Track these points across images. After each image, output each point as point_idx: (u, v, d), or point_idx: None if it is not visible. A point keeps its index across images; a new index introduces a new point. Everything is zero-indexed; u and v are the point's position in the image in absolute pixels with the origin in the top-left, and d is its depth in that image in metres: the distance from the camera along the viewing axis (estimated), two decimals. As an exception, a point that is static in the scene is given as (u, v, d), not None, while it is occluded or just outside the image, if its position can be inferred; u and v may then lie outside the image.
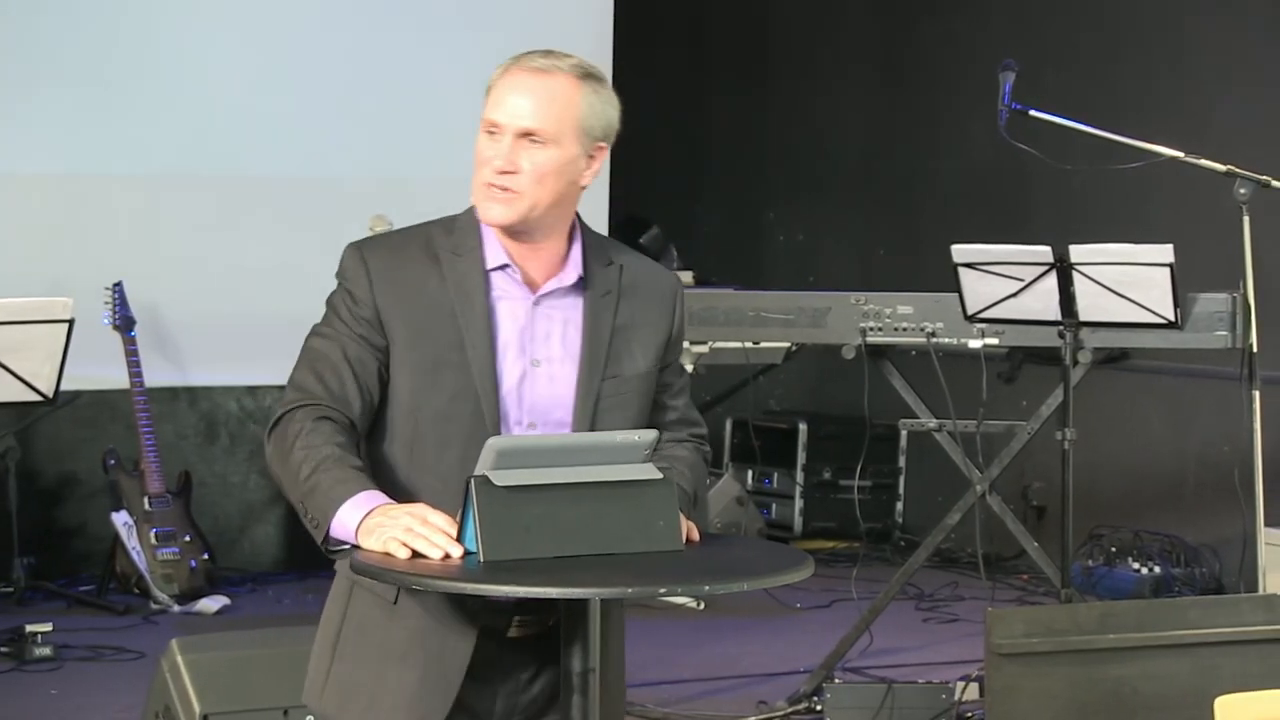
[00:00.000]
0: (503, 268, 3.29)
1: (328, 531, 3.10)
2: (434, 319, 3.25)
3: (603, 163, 3.35)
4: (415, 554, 3.00)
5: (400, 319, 3.25)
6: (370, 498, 3.09)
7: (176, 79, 8.12)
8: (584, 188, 3.32)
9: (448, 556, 2.99)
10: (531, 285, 3.30)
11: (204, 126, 8.15)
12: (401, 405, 3.25)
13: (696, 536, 3.22)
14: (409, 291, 3.26)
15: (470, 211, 3.32)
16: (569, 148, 3.25)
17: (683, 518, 3.18)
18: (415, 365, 3.24)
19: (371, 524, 3.05)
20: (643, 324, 3.36)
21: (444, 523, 3.03)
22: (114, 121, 8.02)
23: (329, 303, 3.32)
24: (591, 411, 3.27)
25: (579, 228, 3.36)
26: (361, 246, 3.33)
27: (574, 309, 3.32)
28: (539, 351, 3.28)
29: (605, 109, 3.33)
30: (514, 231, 3.27)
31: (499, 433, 3.22)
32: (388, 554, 3.01)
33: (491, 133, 3.24)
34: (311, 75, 8.35)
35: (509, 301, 3.29)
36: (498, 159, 3.22)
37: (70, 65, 7.94)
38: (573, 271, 3.31)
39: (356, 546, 3.07)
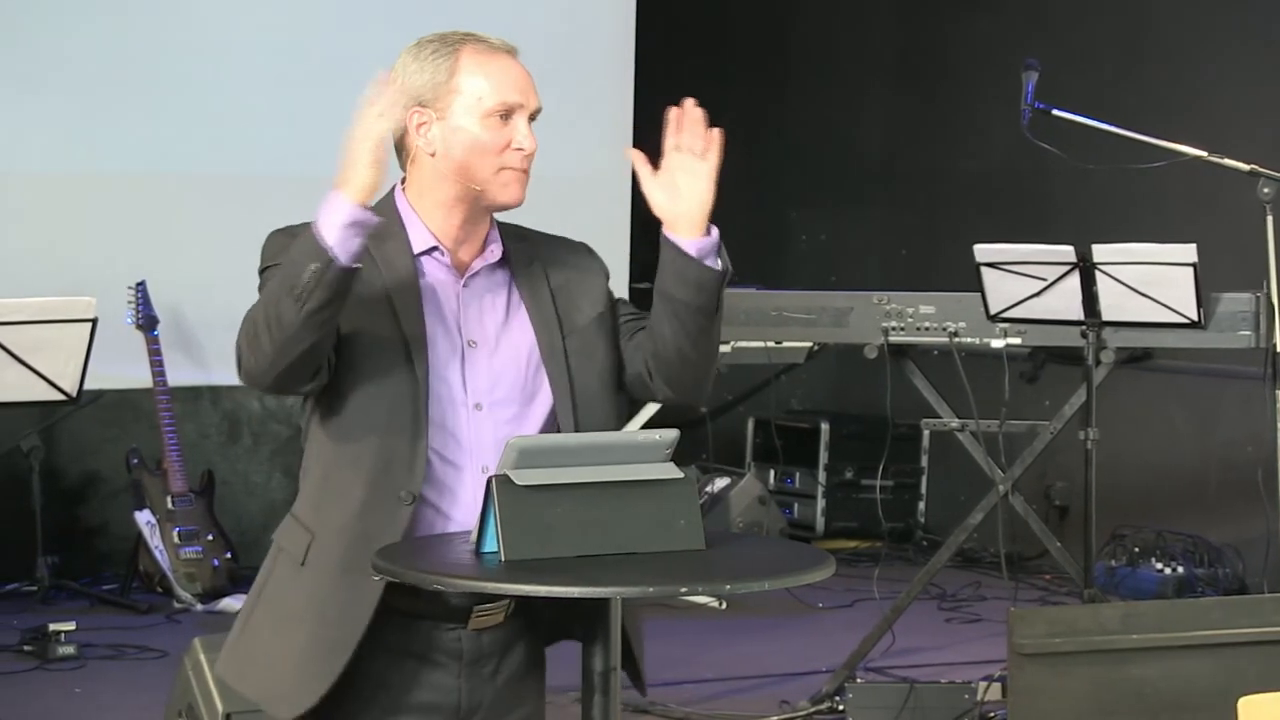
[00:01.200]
0: (430, 251, 3.28)
1: (332, 255, 3.07)
2: (369, 303, 3.21)
3: None
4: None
5: None
6: (325, 202, 3.12)
7: (201, 77, 8.13)
8: None
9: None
10: (459, 267, 3.30)
11: (227, 125, 8.16)
12: (338, 390, 3.21)
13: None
14: None
15: (387, 199, 3.31)
16: None
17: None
18: (351, 351, 3.20)
19: (339, 184, 3.13)
20: (577, 279, 3.37)
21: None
22: (137, 120, 8.04)
23: (260, 288, 3.30)
24: (564, 369, 3.27)
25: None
26: (290, 231, 3.31)
27: (500, 285, 3.32)
28: (473, 332, 3.28)
29: None
30: (475, 213, 3.28)
31: (443, 415, 3.21)
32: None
33: (506, 115, 3.25)
34: (336, 73, 8.34)
35: (439, 284, 3.28)
36: (527, 142, 3.25)
37: (94, 64, 7.95)
38: (496, 249, 3.32)
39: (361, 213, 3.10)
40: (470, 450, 3.22)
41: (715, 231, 3.32)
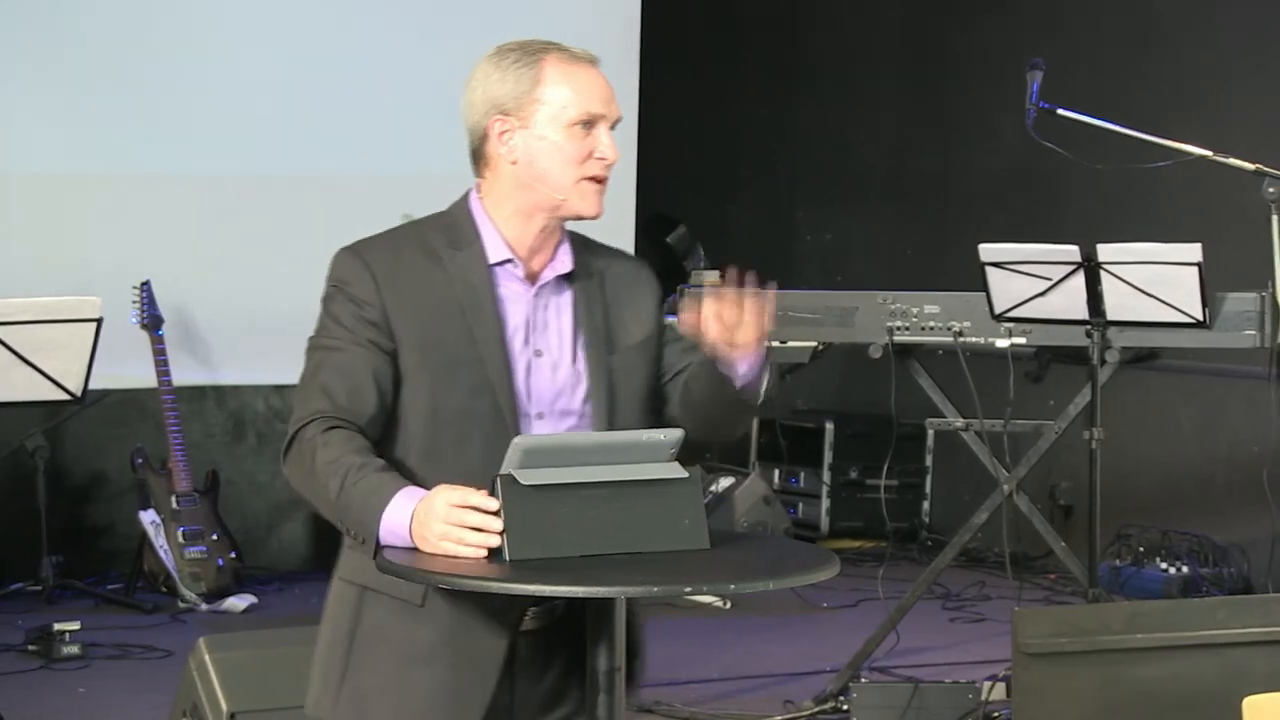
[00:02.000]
0: (505, 262, 3.29)
1: (378, 543, 3.09)
2: (443, 317, 3.23)
3: None
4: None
5: (409, 320, 3.23)
6: (406, 497, 3.07)
7: (206, 78, 8.13)
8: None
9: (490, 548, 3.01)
10: (530, 276, 3.31)
11: (233, 125, 8.17)
12: (418, 408, 3.23)
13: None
14: (415, 291, 3.24)
15: (463, 206, 3.33)
16: None
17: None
18: (432, 367, 3.22)
19: (417, 527, 3.05)
20: (630, 299, 3.39)
21: (479, 504, 3.02)
22: (144, 121, 8.04)
23: (325, 312, 3.28)
24: (606, 389, 3.29)
25: None
26: (358, 250, 3.29)
27: (565, 297, 3.34)
28: (540, 342, 3.29)
29: None
30: (552, 223, 3.30)
31: (516, 426, 3.22)
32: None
33: (589, 124, 3.26)
34: (342, 73, 8.37)
35: (512, 294, 3.29)
36: (610, 151, 3.27)
37: (100, 65, 7.96)
38: (567, 260, 3.33)
39: (415, 549, 3.06)
40: None
41: (764, 349, 3.29)
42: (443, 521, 3.01)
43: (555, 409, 3.28)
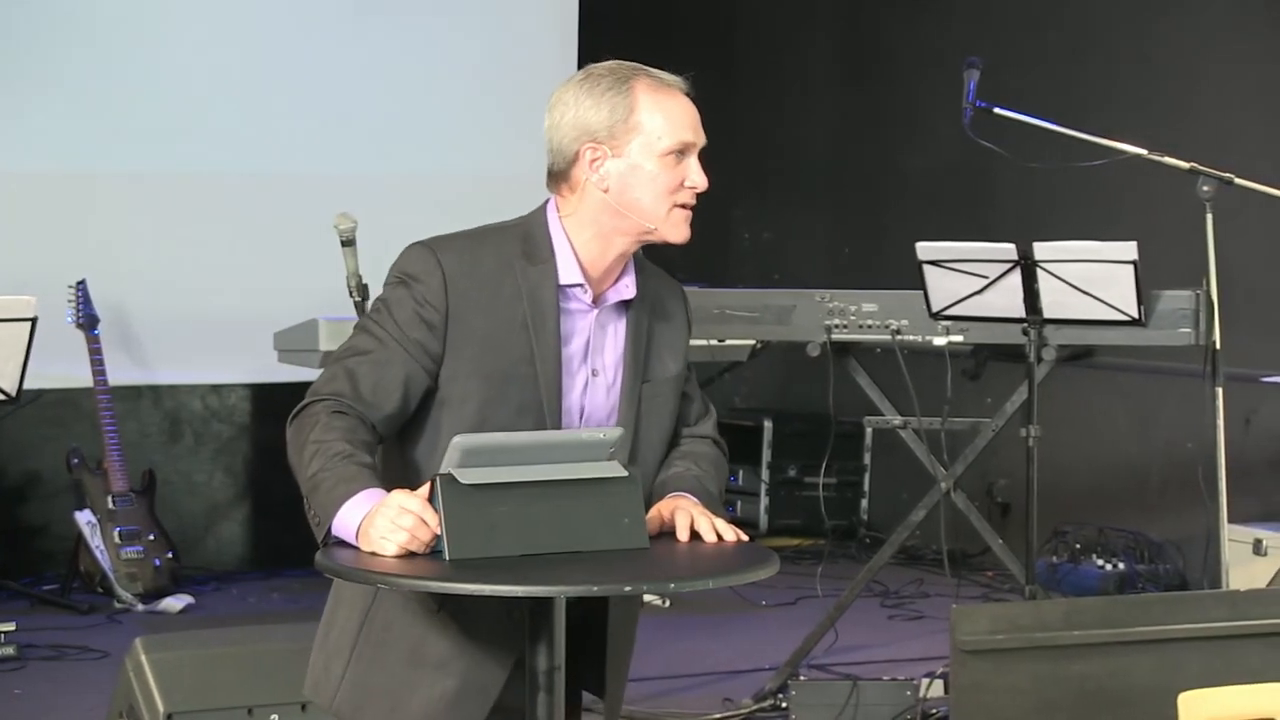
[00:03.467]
0: (575, 285, 3.30)
1: (329, 529, 3.09)
2: (506, 329, 3.23)
3: None
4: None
5: (472, 326, 3.22)
6: (369, 496, 3.08)
7: (140, 78, 8.09)
8: None
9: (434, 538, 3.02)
10: (595, 298, 3.33)
11: (167, 125, 8.12)
12: (465, 415, 3.23)
13: (741, 535, 3.27)
14: (484, 298, 3.24)
15: (541, 220, 3.32)
16: None
17: (728, 525, 3.24)
18: (485, 376, 3.23)
19: (363, 527, 3.05)
20: (667, 330, 3.42)
21: (415, 511, 3.02)
22: (76, 120, 7.99)
23: (385, 299, 3.27)
24: (635, 414, 3.31)
25: None
26: (434, 246, 3.28)
27: (620, 319, 3.36)
28: (597, 361, 3.32)
29: None
30: (631, 248, 3.34)
31: None
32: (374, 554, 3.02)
33: (681, 154, 3.34)
34: (274, 74, 8.33)
35: (576, 314, 3.30)
36: (701, 180, 3.37)
37: (33, 63, 7.91)
38: (631, 284, 3.36)
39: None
40: None
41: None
42: (389, 521, 3.01)
43: (608, 427, 3.30)
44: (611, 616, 3.34)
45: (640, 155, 3.28)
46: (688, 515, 3.25)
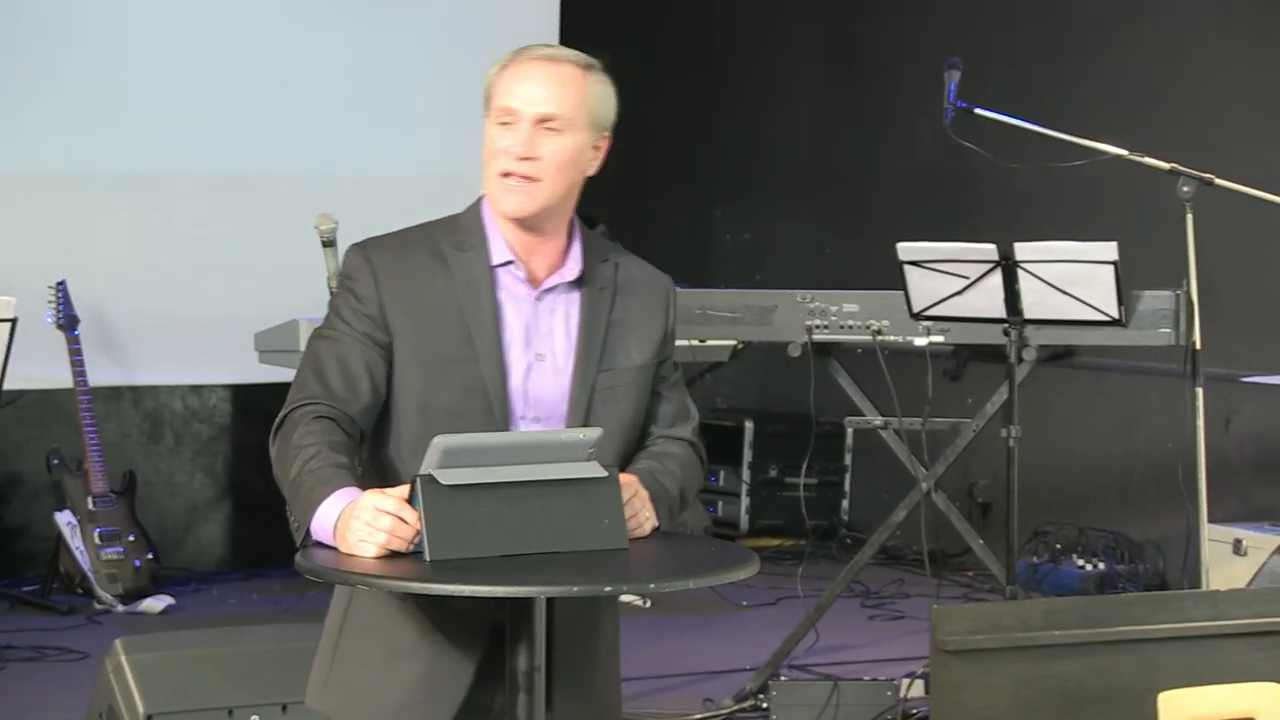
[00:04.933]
0: (507, 264, 3.30)
1: (308, 532, 3.10)
2: (441, 316, 3.26)
3: (606, 153, 3.40)
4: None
5: (407, 316, 3.25)
6: (344, 496, 3.08)
7: (121, 78, 8.07)
8: (588, 178, 3.38)
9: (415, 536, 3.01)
10: (533, 280, 3.32)
11: (148, 126, 8.11)
12: (409, 404, 3.26)
13: (647, 528, 3.23)
14: (415, 289, 3.27)
15: (474, 209, 3.34)
16: (581, 136, 3.31)
17: (644, 505, 3.21)
18: (425, 362, 3.25)
19: (339, 528, 3.06)
20: (638, 320, 3.40)
21: (391, 511, 3.02)
22: (56, 120, 7.98)
23: (330, 304, 3.33)
24: (586, 403, 3.29)
25: (577, 223, 3.40)
26: (365, 246, 3.33)
27: (573, 303, 3.34)
28: (543, 346, 3.30)
29: (609, 99, 3.39)
30: (526, 224, 3.29)
31: (508, 428, 3.24)
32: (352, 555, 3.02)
33: (506, 123, 3.25)
34: (255, 74, 8.32)
35: (513, 297, 3.30)
36: (517, 145, 3.24)
37: (14, 63, 7.89)
38: (574, 266, 3.34)
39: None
40: None
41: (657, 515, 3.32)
42: (365, 524, 3.01)
43: (556, 414, 3.30)
44: (562, 626, 3.30)
45: (486, 125, 3.29)
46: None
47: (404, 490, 3.05)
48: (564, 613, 3.23)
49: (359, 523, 3.02)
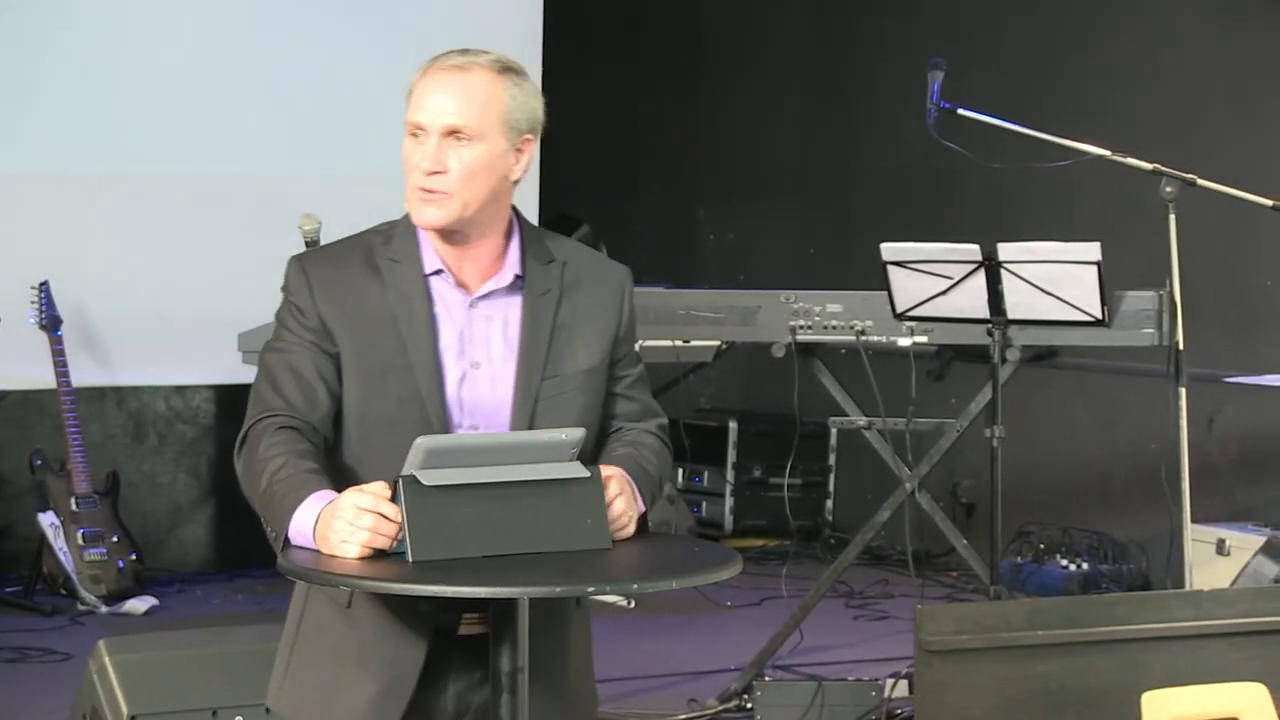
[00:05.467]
0: (437, 272, 3.29)
1: (286, 540, 3.09)
2: (377, 326, 3.25)
3: (532, 155, 3.34)
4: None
5: (344, 327, 3.25)
6: (319, 498, 3.09)
7: (104, 78, 8.06)
8: (515, 182, 3.32)
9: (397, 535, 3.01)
10: (466, 287, 3.30)
11: (131, 126, 8.10)
12: (350, 412, 3.26)
13: (625, 534, 3.22)
14: (351, 300, 3.26)
15: (407, 218, 3.32)
16: (496, 142, 3.25)
17: (628, 505, 3.19)
18: (362, 373, 3.24)
19: (320, 530, 3.06)
20: (587, 319, 3.36)
21: (371, 509, 3.02)
22: (39, 120, 7.96)
23: (277, 317, 3.33)
24: (530, 412, 3.26)
25: (517, 224, 3.36)
26: (303, 259, 3.34)
27: (513, 307, 3.32)
28: (478, 354, 3.28)
29: (528, 101, 3.32)
30: (448, 233, 3.27)
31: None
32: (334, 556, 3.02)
33: (416, 135, 3.24)
34: (240, 75, 8.31)
35: (447, 305, 3.29)
36: (425, 160, 3.22)
37: (-4, 63, 7.88)
38: (509, 272, 3.31)
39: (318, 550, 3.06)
40: None
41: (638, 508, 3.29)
42: (347, 524, 3.01)
43: (494, 421, 3.28)
44: (532, 627, 3.29)
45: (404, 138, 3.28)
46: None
47: (379, 486, 3.05)
48: (534, 614, 3.22)
49: (341, 523, 3.02)
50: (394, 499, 3.02)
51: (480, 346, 3.29)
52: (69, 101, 8.00)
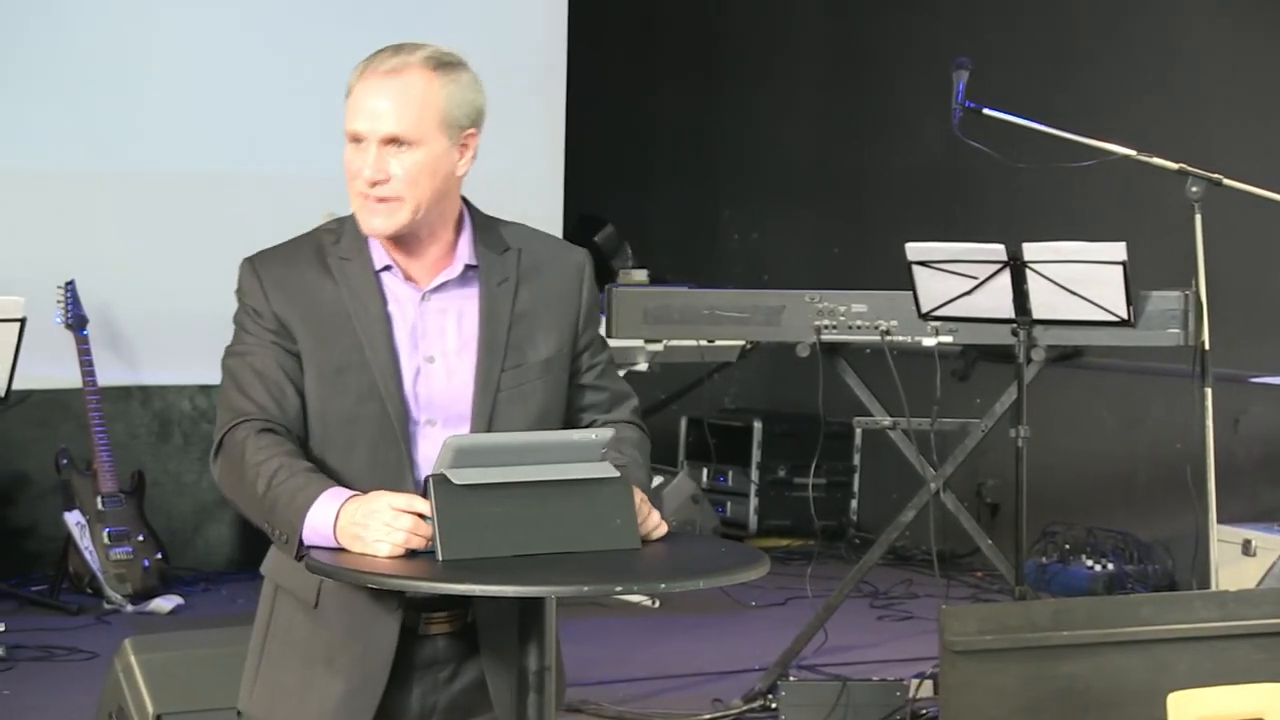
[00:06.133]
0: (387, 268, 3.27)
1: (301, 541, 3.09)
2: (332, 324, 3.23)
3: (476, 148, 3.28)
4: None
5: (301, 326, 3.23)
6: (332, 496, 3.08)
7: (127, 76, 8.08)
8: (462, 177, 3.28)
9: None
10: (417, 281, 3.27)
11: (157, 125, 8.12)
12: (311, 409, 3.23)
13: (664, 529, 3.21)
14: (305, 299, 3.24)
15: (353, 214, 3.29)
16: (437, 143, 3.20)
17: (650, 508, 3.18)
18: (320, 370, 3.22)
19: (347, 527, 3.05)
20: (545, 307, 3.32)
21: (410, 514, 3.02)
22: (65, 119, 7.98)
23: (235, 321, 3.30)
24: (490, 403, 3.23)
25: (468, 215, 3.33)
26: (254, 261, 3.31)
27: (468, 299, 3.29)
28: (432, 347, 3.26)
29: (466, 95, 3.25)
30: (396, 236, 3.24)
31: (405, 431, 3.21)
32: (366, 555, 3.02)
33: (357, 142, 3.21)
34: (262, 71, 8.33)
35: (398, 300, 3.26)
36: (366, 169, 3.18)
37: (17, 62, 7.90)
38: (459, 263, 3.28)
39: (341, 549, 3.06)
40: (424, 466, 3.19)
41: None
42: (384, 524, 3.01)
43: (452, 414, 3.25)
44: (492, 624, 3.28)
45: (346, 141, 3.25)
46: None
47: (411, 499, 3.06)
48: (497, 611, 3.21)
49: (377, 522, 3.02)
50: (423, 498, 3.03)
51: (434, 340, 3.26)
52: (96, 100, 8.02)
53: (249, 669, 3.37)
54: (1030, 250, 5.66)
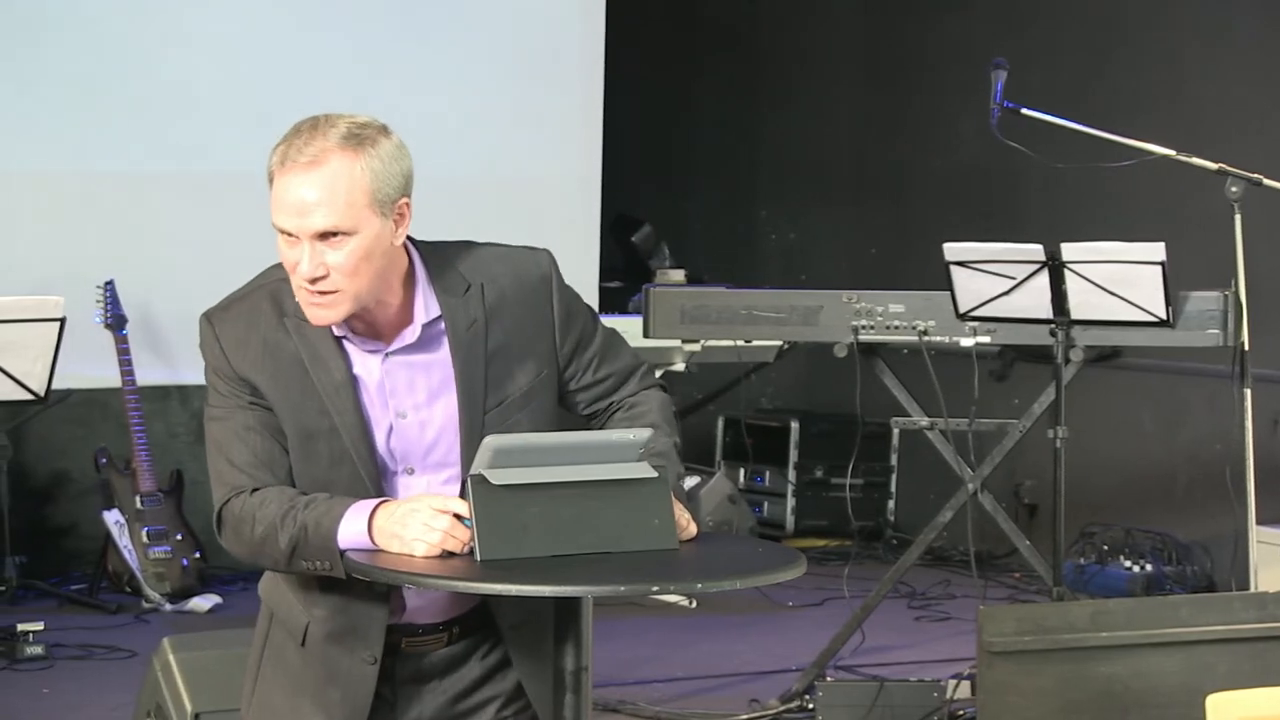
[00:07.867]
0: (344, 337, 3.22)
1: (342, 555, 3.07)
2: (298, 388, 3.18)
3: (410, 211, 3.17)
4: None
5: (269, 387, 3.19)
6: (361, 508, 3.08)
7: (168, 76, 8.10)
8: (401, 245, 3.19)
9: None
10: (378, 340, 3.22)
11: (195, 123, 8.14)
12: (294, 475, 3.21)
13: (693, 530, 3.21)
14: (269, 361, 3.20)
15: None
16: (370, 226, 3.10)
17: (680, 509, 3.17)
18: (292, 434, 3.19)
19: (385, 526, 3.05)
20: (519, 336, 3.26)
21: (448, 514, 3.03)
22: (105, 119, 8.01)
23: (206, 379, 3.26)
24: (478, 445, 3.11)
25: (420, 265, 3.23)
26: (212, 320, 3.27)
27: (435, 349, 3.22)
28: (403, 403, 3.21)
29: (391, 167, 3.12)
30: (355, 315, 3.18)
31: (379, 490, 3.19)
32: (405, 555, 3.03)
33: (290, 236, 3.11)
34: (303, 72, 8.34)
35: (362, 361, 3.21)
36: (303, 266, 3.09)
37: (60, 62, 7.92)
38: (417, 324, 3.20)
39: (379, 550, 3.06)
40: None
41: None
42: (423, 523, 3.01)
43: (429, 462, 3.23)
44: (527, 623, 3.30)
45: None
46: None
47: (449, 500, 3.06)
48: (535, 603, 3.20)
49: (417, 521, 3.02)
50: (462, 498, 3.04)
51: (404, 397, 3.20)
52: (136, 100, 8.05)
53: (247, 681, 3.39)
54: (1069, 250, 5.65)
